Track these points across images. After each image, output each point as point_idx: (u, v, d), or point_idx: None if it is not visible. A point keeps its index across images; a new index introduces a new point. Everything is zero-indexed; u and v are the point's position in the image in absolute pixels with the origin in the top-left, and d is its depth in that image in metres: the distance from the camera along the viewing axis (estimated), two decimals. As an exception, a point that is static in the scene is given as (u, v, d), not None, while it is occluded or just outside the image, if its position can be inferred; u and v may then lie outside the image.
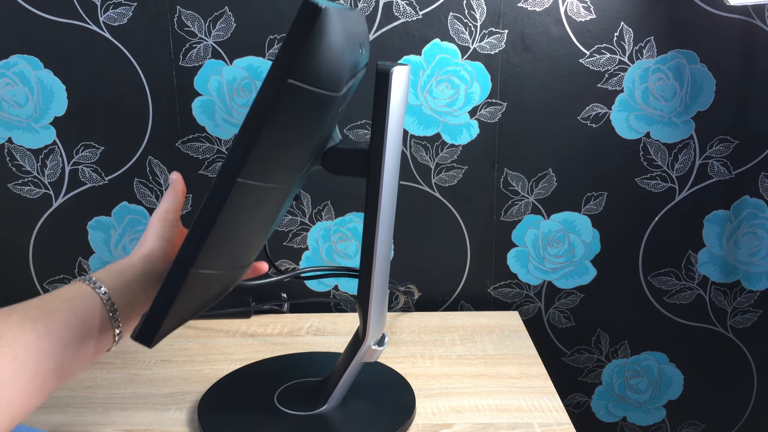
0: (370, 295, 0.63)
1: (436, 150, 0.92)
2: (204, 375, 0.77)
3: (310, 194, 0.94)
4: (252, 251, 0.58)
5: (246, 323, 0.91)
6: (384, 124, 0.57)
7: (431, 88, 0.90)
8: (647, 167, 0.93)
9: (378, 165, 0.58)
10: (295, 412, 0.67)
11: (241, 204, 0.47)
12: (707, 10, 0.87)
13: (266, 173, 0.48)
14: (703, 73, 0.89)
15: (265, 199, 0.51)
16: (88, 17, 0.86)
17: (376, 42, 0.88)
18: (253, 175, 0.46)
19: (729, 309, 0.99)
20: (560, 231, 0.96)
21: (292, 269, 0.97)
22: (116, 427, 0.67)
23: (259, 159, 0.45)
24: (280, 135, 0.46)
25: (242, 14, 0.87)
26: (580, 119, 0.91)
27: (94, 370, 0.78)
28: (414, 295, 0.96)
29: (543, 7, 0.87)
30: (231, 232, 0.49)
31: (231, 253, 0.52)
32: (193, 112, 0.90)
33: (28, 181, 0.92)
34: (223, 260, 0.51)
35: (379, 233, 0.60)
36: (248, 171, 0.45)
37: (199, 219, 0.45)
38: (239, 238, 0.52)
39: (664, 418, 1.04)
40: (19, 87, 0.89)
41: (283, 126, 0.46)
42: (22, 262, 0.95)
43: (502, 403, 0.71)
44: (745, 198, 0.94)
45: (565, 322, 1.00)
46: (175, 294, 0.47)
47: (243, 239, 0.53)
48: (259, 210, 0.52)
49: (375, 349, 0.66)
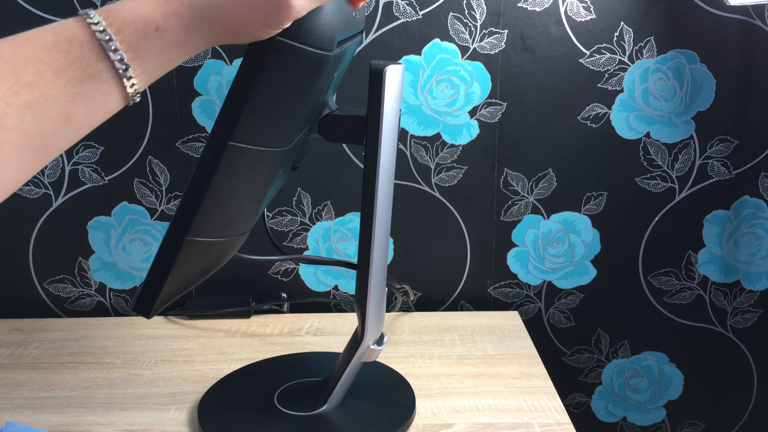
0: (368, 294, 0.63)
1: (436, 150, 0.92)
2: (204, 375, 0.77)
3: (310, 194, 0.94)
4: (247, 219, 0.57)
5: (246, 323, 0.91)
6: (378, 124, 0.57)
7: (431, 88, 0.90)
8: (647, 167, 0.93)
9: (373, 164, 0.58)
10: (295, 412, 0.67)
11: (234, 168, 0.46)
12: (707, 10, 0.87)
13: (258, 136, 0.47)
14: (703, 73, 0.89)
15: (258, 164, 0.50)
16: (88, 17, 0.86)
17: (376, 42, 0.88)
18: (244, 138, 0.45)
19: (729, 309, 0.99)
20: (560, 231, 0.96)
21: (293, 269, 0.97)
22: (116, 427, 0.67)
23: (251, 121, 0.44)
24: (271, 96, 0.45)
25: (242, 14, 0.87)
26: (580, 119, 0.91)
27: (94, 370, 0.78)
28: (409, 296, 0.96)
29: (543, 7, 0.87)
30: (225, 198, 0.48)
31: (226, 220, 0.51)
32: (193, 112, 0.90)
33: (28, 181, 0.92)
34: (217, 227, 0.50)
35: (375, 230, 0.60)
36: (240, 134, 0.44)
37: (191, 185, 0.44)
38: (233, 205, 0.51)
39: (664, 418, 1.04)
40: (19, 87, 0.88)
41: (274, 86, 0.44)
42: (22, 262, 0.95)
43: (502, 403, 0.71)
44: (745, 198, 0.94)
45: (565, 322, 1.00)
46: (171, 262, 0.46)
47: (237, 206, 0.52)
48: (253, 175, 0.51)
49: (374, 349, 0.66)
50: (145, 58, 0.39)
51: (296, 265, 0.97)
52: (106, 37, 0.37)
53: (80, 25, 0.38)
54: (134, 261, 0.96)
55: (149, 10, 0.38)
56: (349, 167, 0.93)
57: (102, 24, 0.37)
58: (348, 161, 0.92)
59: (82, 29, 0.37)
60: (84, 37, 0.37)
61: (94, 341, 0.86)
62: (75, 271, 0.96)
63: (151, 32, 0.38)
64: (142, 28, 0.38)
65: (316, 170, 0.92)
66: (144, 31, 0.38)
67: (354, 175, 0.93)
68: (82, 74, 0.37)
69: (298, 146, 0.60)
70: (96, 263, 0.96)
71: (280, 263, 0.97)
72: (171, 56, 0.40)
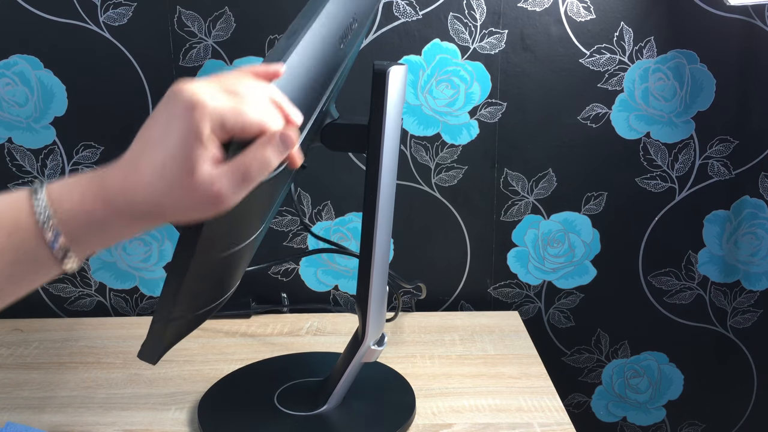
0: (369, 295, 0.63)
1: (436, 150, 0.92)
2: (204, 375, 0.77)
3: (310, 194, 0.94)
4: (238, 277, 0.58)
5: (246, 323, 0.91)
6: (381, 124, 0.57)
7: (431, 88, 0.90)
8: (647, 167, 0.93)
9: (375, 166, 0.58)
10: (295, 412, 0.67)
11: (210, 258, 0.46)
12: (707, 10, 0.87)
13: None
14: (703, 73, 0.89)
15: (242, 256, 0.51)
16: (88, 17, 0.86)
17: (376, 42, 0.88)
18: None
19: (729, 309, 0.99)
20: (560, 231, 0.96)
21: (293, 269, 0.97)
22: (116, 427, 0.67)
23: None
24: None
25: (242, 14, 0.87)
26: (580, 119, 0.91)
27: (94, 370, 0.78)
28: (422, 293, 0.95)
29: (543, 7, 0.87)
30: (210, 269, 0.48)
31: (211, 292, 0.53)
32: (193, 112, 0.90)
33: (28, 181, 0.92)
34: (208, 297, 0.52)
35: (377, 232, 0.60)
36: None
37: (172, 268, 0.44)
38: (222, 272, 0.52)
39: (664, 418, 1.04)
40: (19, 87, 0.89)
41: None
42: (22, 262, 0.95)
43: (502, 403, 0.71)
44: (745, 198, 0.94)
45: (565, 322, 1.00)
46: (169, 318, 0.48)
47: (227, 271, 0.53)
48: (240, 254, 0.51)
49: (374, 349, 0.66)
50: (85, 245, 0.40)
51: (296, 265, 0.97)
52: (50, 230, 0.38)
53: (26, 209, 0.38)
54: (134, 261, 0.96)
55: (95, 208, 0.39)
56: (350, 167, 0.93)
57: (48, 211, 0.38)
58: (348, 161, 0.92)
59: (27, 216, 0.38)
60: (28, 223, 0.38)
61: (94, 341, 0.86)
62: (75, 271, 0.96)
63: (95, 227, 0.39)
64: (86, 222, 0.39)
65: (317, 170, 0.92)
66: (88, 225, 0.39)
67: (354, 175, 0.93)
68: (22, 256, 0.39)
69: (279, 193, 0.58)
70: (96, 263, 0.96)
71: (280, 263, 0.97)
72: (111, 242, 0.41)
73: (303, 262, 0.97)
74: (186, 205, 0.38)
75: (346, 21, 0.52)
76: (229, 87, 0.39)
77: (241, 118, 0.38)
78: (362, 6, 0.56)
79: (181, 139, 0.37)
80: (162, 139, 0.38)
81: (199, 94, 0.37)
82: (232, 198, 0.39)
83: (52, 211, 0.38)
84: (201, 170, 0.37)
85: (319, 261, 0.97)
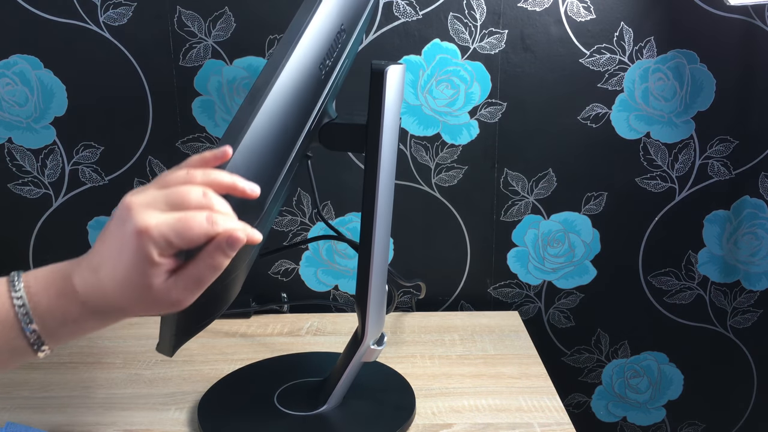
0: (369, 295, 0.63)
1: (436, 150, 0.92)
2: (204, 375, 0.77)
3: (310, 194, 0.94)
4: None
5: (246, 323, 0.91)
6: (379, 124, 0.57)
7: (431, 88, 0.90)
8: (647, 167, 0.93)
9: (374, 165, 0.58)
10: (295, 412, 0.67)
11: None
12: (707, 10, 0.87)
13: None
14: (703, 73, 0.89)
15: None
16: (88, 17, 0.86)
17: (376, 42, 0.88)
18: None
19: (729, 309, 0.99)
20: (560, 231, 0.96)
21: (293, 269, 0.97)
22: (116, 427, 0.67)
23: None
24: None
25: (242, 14, 0.87)
26: (580, 119, 0.91)
27: (94, 370, 0.78)
28: (421, 292, 0.95)
29: (543, 7, 0.87)
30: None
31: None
32: (193, 112, 0.90)
33: (28, 181, 0.92)
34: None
35: (376, 232, 0.60)
36: None
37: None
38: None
39: (664, 418, 1.04)
40: (19, 87, 0.89)
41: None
42: (22, 263, 0.95)
43: (502, 403, 0.71)
44: (745, 198, 0.94)
45: (565, 322, 1.00)
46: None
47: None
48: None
49: (374, 349, 0.66)
50: (59, 338, 0.44)
51: (296, 265, 0.97)
52: (29, 326, 0.42)
53: (6, 302, 0.43)
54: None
55: (70, 308, 0.43)
56: (350, 167, 0.93)
57: (26, 307, 0.42)
58: (348, 161, 0.92)
59: (7, 310, 0.42)
60: (8, 317, 0.42)
61: (94, 341, 0.86)
62: (75, 271, 0.96)
63: (70, 323, 0.43)
64: (62, 320, 0.43)
65: (316, 170, 0.92)
66: (63, 322, 0.43)
67: (354, 175, 0.93)
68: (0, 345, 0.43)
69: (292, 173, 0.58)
70: (96, 263, 0.96)
71: (279, 263, 0.97)
72: (82, 335, 0.45)
73: (303, 262, 0.97)
74: (150, 308, 0.43)
75: (329, 39, 0.51)
76: (173, 199, 0.41)
77: (186, 235, 0.40)
78: (350, 12, 0.56)
79: (134, 263, 0.40)
80: (118, 257, 0.41)
81: (145, 219, 0.40)
82: (191, 299, 0.43)
83: (31, 306, 0.42)
84: (156, 285, 0.41)
85: (319, 261, 0.97)
